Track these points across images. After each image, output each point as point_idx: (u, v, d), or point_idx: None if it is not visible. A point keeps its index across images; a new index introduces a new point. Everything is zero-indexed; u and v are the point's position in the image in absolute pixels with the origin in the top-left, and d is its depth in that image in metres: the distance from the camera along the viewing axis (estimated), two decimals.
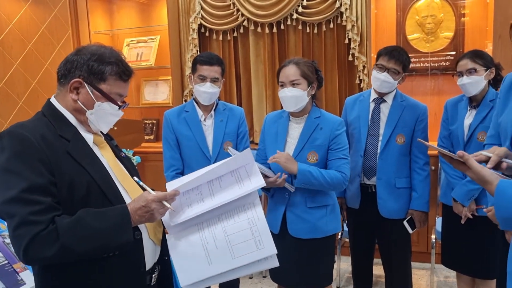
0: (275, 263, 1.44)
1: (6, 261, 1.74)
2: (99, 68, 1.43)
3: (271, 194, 2.41)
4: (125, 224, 1.35)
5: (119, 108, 1.50)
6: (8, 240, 1.80)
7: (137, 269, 1.46)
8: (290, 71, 2.28)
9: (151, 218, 1.41)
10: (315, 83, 2.33)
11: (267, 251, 1.40)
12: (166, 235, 1.57)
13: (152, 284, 1.54)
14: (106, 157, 1.50)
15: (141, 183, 1.50)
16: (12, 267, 1.74)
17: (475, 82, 2.52)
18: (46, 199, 1.29)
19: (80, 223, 1.30)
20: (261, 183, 1.46)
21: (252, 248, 1.40)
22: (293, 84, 2.27)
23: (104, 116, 1.47)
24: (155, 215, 1.40)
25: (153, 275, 1.54)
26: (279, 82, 2.33)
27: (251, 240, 1.40)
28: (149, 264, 1.51)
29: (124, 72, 1.47)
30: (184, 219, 1.44)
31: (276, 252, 1.41)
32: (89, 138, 1.49)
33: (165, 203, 1.41)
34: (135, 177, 1.53)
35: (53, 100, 1.48)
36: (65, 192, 1.34)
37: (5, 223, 1.83)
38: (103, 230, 1.32)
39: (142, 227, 1.47)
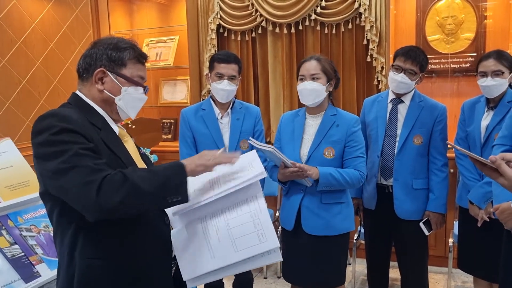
0: (279, 257, 1.42)
1: (23, 253, 1.76)
2: (117, 55, 1.48)
3: (286, 191, 2.42)
4: (179, 167, 1.37)
5: (143, 91, 1.55)
6: (25, 233, 1.83)
7: (167, 253, 1.51)
8: (311, 65, 2.34)
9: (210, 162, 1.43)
10: (333, 80, 2.37)
11: (270, 244, 1.39)
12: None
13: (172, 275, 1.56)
14: (129, 150, 1.54)
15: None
16: (28, 260, 1.76)
17: (499, 84, 2.48)
18: (102, 157, 1.35)
19: (139, 169, 1.37)
20: (261, 171, 1.45)
21: (255, 241, 1.39)
22: (313, 78, 2.32)
23: (131, 100, 1.52)
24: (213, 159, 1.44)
25: (173, 268, 1.56)
26: (299, 76, 2.38)
27: (253, 233, 1.39)
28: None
29: (140, 54, 1.54)
30: (185, 209, 1.43)
31: (279, 245, 1.40)
32: (115, 129, 1.52)
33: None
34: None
35: (78, 93, 1.51)
36: None
37: (23, 216, 1.89)
38: (161, 171, 1.35)
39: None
